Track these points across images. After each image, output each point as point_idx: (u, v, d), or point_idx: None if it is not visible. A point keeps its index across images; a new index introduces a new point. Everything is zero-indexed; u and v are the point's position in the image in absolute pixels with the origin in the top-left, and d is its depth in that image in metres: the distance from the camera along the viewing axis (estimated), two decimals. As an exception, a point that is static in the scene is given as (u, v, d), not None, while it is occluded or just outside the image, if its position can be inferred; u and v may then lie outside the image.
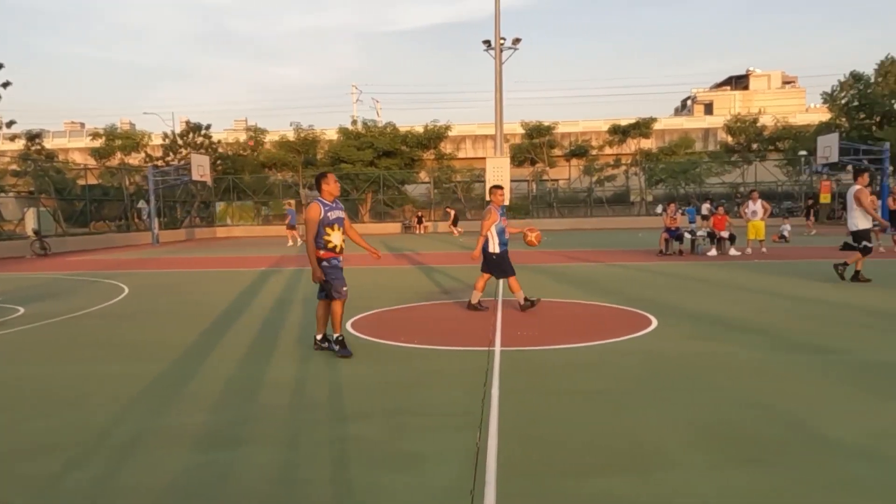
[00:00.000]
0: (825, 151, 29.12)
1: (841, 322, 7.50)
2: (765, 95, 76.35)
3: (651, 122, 46.79)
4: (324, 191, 6.21)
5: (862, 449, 3.70)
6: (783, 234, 22.15)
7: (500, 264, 8.57)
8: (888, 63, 39.73)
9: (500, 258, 8.57)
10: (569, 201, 46.21)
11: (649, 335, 6.95)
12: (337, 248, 6.21)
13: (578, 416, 4.41)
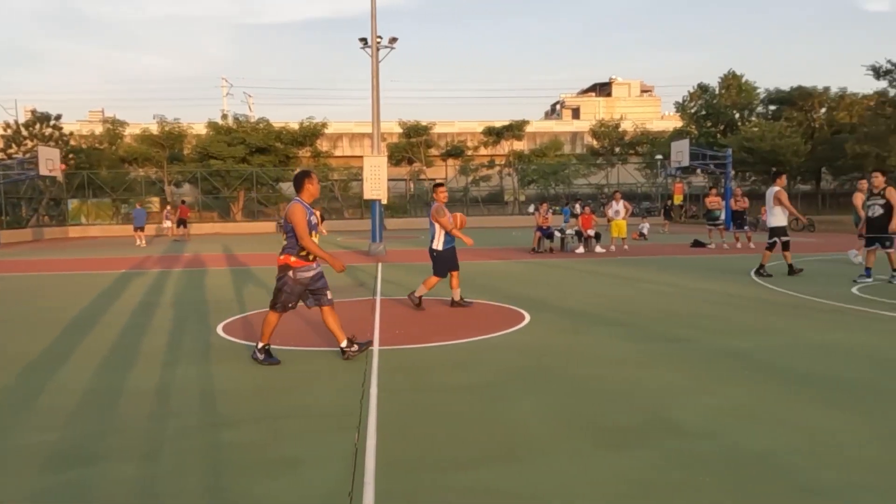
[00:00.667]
0: (678, 156, 31.64)
1: (694, 313, 8.19)
2: (626, 102, 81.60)
3: (523, 125, 48.60)
4: (306, 191, 5.79)
5: (706, 429, 4.07)
6: (642, 232, 23.82)
7: (445, 261, 8.68)
8: (730, 77, 43.86)
9: (446, 255, 8.69)
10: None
11: (522, 330, 7.23)
12: (311, 256, 5.84)
13: (455, 411, 4.50)
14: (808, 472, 3.39)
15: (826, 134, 41.10)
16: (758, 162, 39.05)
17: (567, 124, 70.12)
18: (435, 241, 8.72)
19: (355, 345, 5.95)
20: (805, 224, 13.34)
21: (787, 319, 7.60)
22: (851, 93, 41.76)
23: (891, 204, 10.19)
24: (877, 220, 10.38)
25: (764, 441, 3.83)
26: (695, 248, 18.81)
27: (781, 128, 38.77)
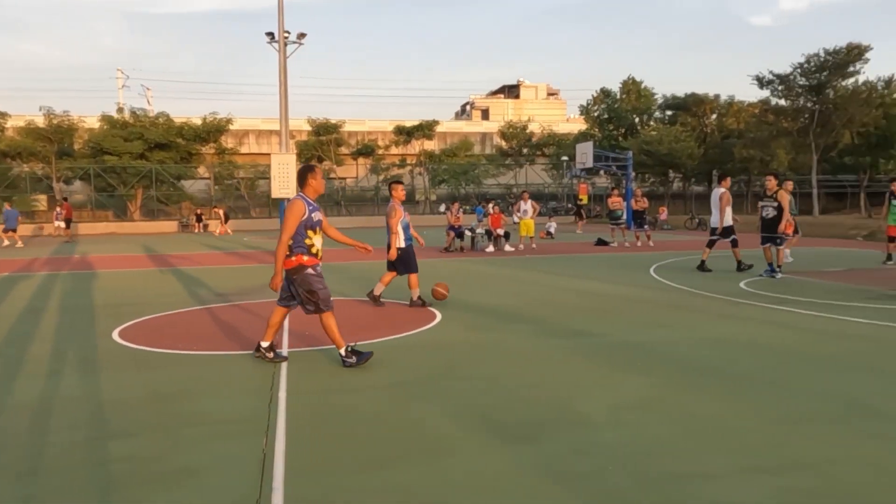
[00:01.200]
0: (582, 157, 32.75)
1: (599, 308, 8.49)
2: (533, 105, 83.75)
3: (434, 125, 48.86)
4: (310, 186, 5.50)
5: (610, 420, 4.23)
6: (549, 231, 24.50)
7: (405, 260, 8.63)
8: (630, 83, 45.91)
9: (405, 254, 8.64)
10: (356, 200, 46.58)
11: (433, 329, 7.26)
12: (319, 254, 5.52)
13: (367, 411, 4.46)
14: (703, 457, 3.58)
15: (717, 138, 43.81)
16: (656, 164, 41.12)
17: (477, 125, 71.11)
18: (396, 239, 8.69)
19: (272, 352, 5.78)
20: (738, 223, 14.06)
21: (684, 313, 8.03)
22: (739, 100, 44.75)
23: (782, 206, 11.02)
24: (770, 221, 11.17)
25: (663, 429, 4.02)
26: (598, 246, 19.54)
27: (677, 132, 40.97)
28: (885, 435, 3.88)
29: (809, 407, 4.43)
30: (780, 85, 35.06)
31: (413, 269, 8.75)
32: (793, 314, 7.84)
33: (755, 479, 3.28)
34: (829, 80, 33.54)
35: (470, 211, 37.01)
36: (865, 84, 34.45)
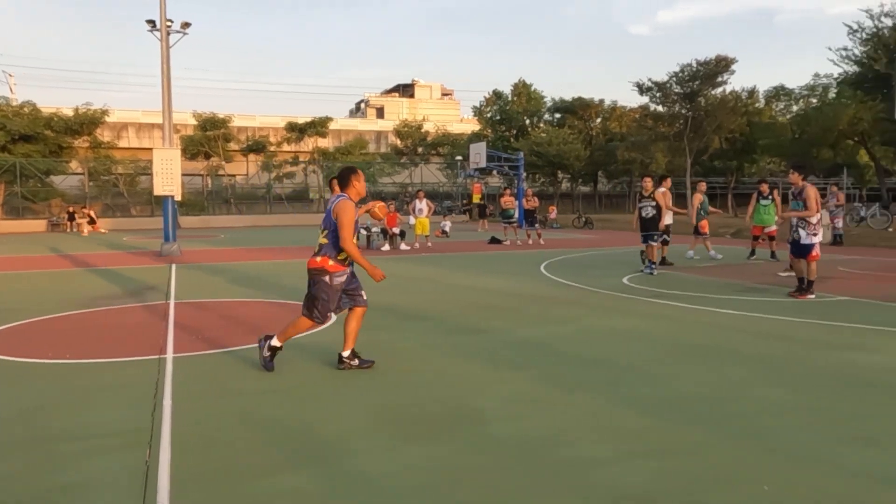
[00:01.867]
0: (476, 157, 33.37)
1: (493, 305, 8.69)
2: (428, 104, 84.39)
3: (327, 122, 48.12)
4: (353, 188, 5.32)
5: (505, 414, 4.35)
6: (444, 230, 24.79)
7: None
8: (520, 86, 47.28)
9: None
10: (247, 198, 45.02)
11: (328, 329, 7.14)
12: (348, 259, 5.34)
13: (259, 415, 4.32)
14: (592, 444, 3.76)
15: (601, 141, 46.01)
16: (546, 165, 42.61)
17: (372, 123, 70.76)
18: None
19: (357, 359, 5.45)
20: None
21: (572, 309, 8.38)
22: (621, 105, 47.25)
23: (660, 205, 11.65)
24: (649, 220, 11.71)
25: (555, 419, 4.18)
26: (492, 244, 20.00)
27: (565, 134, 42.65)
28: (753, 417, 4.23)
29: (685, 392, 4.75)
30: (658, 92, 37.32)
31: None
32: (670, 307, 8.38)
33: (639, 463, 3.48)
34: (701, 89, 36.09)
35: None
36: (732, 94, 37.36)
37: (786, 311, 7.98)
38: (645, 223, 11.75)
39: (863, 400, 4.54)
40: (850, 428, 4.00)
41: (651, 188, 11.89)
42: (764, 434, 3.91)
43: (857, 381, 4.99)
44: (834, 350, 6.00)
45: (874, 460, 3.51)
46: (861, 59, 28.49)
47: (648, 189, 11.86)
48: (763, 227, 13.80)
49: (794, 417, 4.20)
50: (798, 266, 8.94)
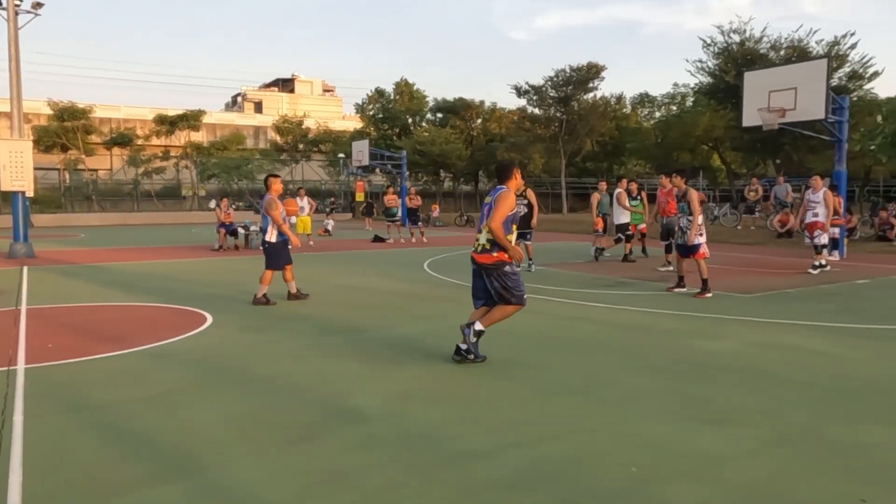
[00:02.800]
0: (359, 155, 33.10)
1: (374, 304, 8.66)
2: (309, 100, 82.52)
3: (200, 115, 45.85)
4: (515, 180, 5.64)
5: (384, 412, 4.35)
6: (327, 228, 24.41)
7: (279, 253, 8.59)
8: (403, 84, 47.43)
9: (279, 247, 8.60)
10: (112, 194, 42.00)
11: (203, 333, 6.83)
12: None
13: (124, 428, 4.06)
14: (471, 437, 3.85)
15: (482, 141, 47.10)
16: (429, 164, 43.03)
17: (249, 118, 68.25)
18: (268, 233, 8.57)
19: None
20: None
21: (453, 306, 8.51)
22: (501, 107, 48.60)
23: (532, 203, 11.83)
24: (521, 218, 11.61)
25: (436, 415, 4.24)
26: (375, 242, 19.94)
27: (447, 134, 43.27)
28: (619, 403, 4.51)
29: (558, 383, 4.98)
30: (535, 95, 38.78)
31: (288, 261, 8.76)
32: (546, 302, 8.74)
33: (516, 453, 3.61)
34: (574, 94, 37.89)
35: (245, 207, 35.45)
36: (602, 99, 39.55)
37: (648, 303, 8.56)
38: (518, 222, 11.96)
39: (714, 383, 4.97)
40: (702, 410, 4.36)
41: (521, 186, 11.90)
42: (630, 419, 4.18)
43: (709, 366, 5.45)
44: (690, 339, 6.52)
45: (722, 439, 3.85)
46: (714, 71, 31.05)
47: (520, 188, 11.92)
48: (635, 226, 14.70)
49: (655, 402, 4.52)
50: (681, 265, 9.53)
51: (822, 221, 11.74)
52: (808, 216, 11.99)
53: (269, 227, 8.63)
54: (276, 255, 8.62)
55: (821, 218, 11.73)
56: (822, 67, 14.89)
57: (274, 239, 8.60)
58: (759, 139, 27.44)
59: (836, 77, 26.47)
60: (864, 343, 6.32)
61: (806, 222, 12.04)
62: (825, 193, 11.80)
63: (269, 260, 8.62)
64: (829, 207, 11.75)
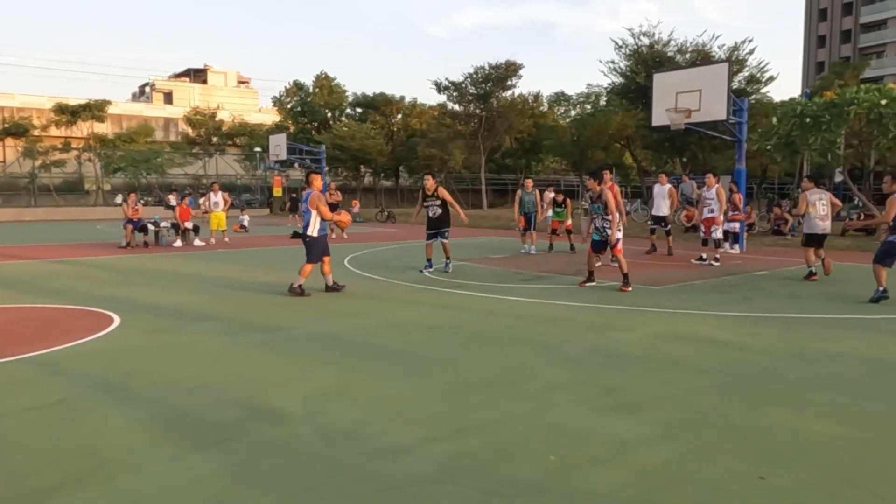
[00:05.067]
0: (276, 150, 32.31)
1: (291, 301, 8.47)
2: (223, 92, 79.88)
3: (105, 105, 43.45)
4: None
5: (304, 411, 4.28)
6: (243, 224, 23.70)
7: (320, 247, 8.85)
8: (322, 78, 46.65)
9: (321, 241, 8.88)
10: (5, 188, 39.15)
11: (110, 335, 6.49)
12: None
13: (21, 439, 3.80)
14: (392, 433, 3.84)
15: (403, 137, 47.01)
16: (349, 159, 42.55)
17: (159, 109, 65.38)
18: (310, 227, 8.77)
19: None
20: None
21: (373, 302, 8.47)
22: (421, 103, 48.63)
23: (446, 201, 11.16)
24: (436, 219, 11.17)
25: (356, 412, 4.20)
26: (294, 238, 19.54)
27: (368, 129, 42.91)
28: (537, 395, 4.61)
29: (479, 376, 5.04)
30: (455, 92, 39.01)
31: (326, 253, 9.02)
32: (465, 296, 8.84)
33: (437, 447, 3.63)
34: (493, 91, 38.37)
35: (154, 202, 33.85)
36: (520, 97, 40.26)
37: (564, 296, 8.81)
38: (432, 222, 11.22)
39: (627, 372, 5.17)
40: (616, 398, 4.53)
41: (433, 186, 11.13)
42: (547, 410, 4.28)
43: (623, 356, 5.67)
44: (605, 330, 6.76)
45: (635, 425, 4.01)
46: (625, 72, 32.19)
47: (431, 187, 11.12)
48: (560, 222, 15.06)
49: (572, 393, 4.65)
50: (591, 261, 9.80)
51: (717, 217, 12.42)
52: (704, 212, 12.62)
53: (311, 221, 8.80)
54: (316, 248, 8.85)
55: (716, 213, 12.38)
56: (724, 71, 15.76)
57: (315, 233, 8.82)
58: (667, 138, 28.69)
59: (736, 80, 28.02)
60: (762, 330, 6.74)
61: (702, 218, 12.70)
62: (718, 189, 12.48)
63: (311, 254, 8.87)
64: (722, 203, 12.45)
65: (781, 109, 19.02)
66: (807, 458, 3.50)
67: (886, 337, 6.50)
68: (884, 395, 4.59)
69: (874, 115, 16.03)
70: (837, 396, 4.55)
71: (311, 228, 8.84)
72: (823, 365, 5.40)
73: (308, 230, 8.86)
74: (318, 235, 8.85)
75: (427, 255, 11.41)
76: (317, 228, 8.84)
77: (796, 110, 17.33)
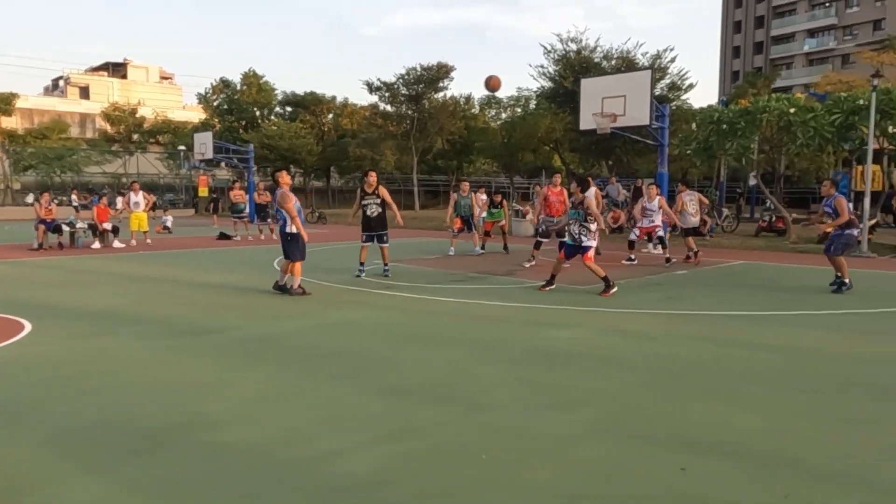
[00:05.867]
0: (202, 148, 31.26)
1: (221, 304, 8.22)
2: (144, 87, 76.69)
3: (13, 99, 40.94)
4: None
5: (238, 416, 4.16)
6: (166, 225, 22.83)
7: (303, 243, 8.75)
8: (251, 75, 45.51)
9: (301, 238, 8.75)
10: None
11: (20, 342, 6.12)
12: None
13: (-76, 455, 3.53)
14: (330, 437, 3.79)
15: (333, 137, 46.42)
16: (278, 158, 41.57)
17: (74, 104, 62.19)
18: (289, 225, 8.66)
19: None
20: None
21: (306, 304, 8.33)
22: (353, 103, 48.15)
23: (385, 201, 10.67)
24: (375, 219, 10.66)
25: (294, 417, 4.12)
26: (221, 240, 18.98)
27: (297, 128, 42.13)
28: (473, 395, 4.65)
29: (414, 378, 5.04)
30: (387, 92, 38.84)
31: (301, 257, 8.83)
32: (399, 298, 8.81)
33: (375, 450, 3.60)
34: (425, 92, 38.43)
35: (68, 202, 32.14)
36: (452, 99, 40.48)
37: (499, 297, 8.92)
38: (370, 222, 10.66)
39: (562, 370, 5.28)
40: (551, 396, 4.62)
41: (375, 183, 10.66)
42: (483, 409, 4.32)
43: (557, 354, 5.79)
44: (540, 329, 6.88)
45: (569, 422, 4.11)
46: (554, 76, 32.89)
47: (373, 185, 10.65)
48: (494, 223, 15.20)
49: (507, 391, 4.72)
50: (559, 265, 9.67)
51: (658, 224, 13.00)
52: (645, 222, 13.06)
53: (288, 218, 8.74)
54: (296, 245, 8.74)
55: (657, 222, 12.97)
56: (647, 78, 16.37)
57: (296, 230, 8.71)
58: (593, 142, 29.50)
59: (658, 87, 29.12)
60: (685, 327, 7.03)
61: (641, 227, 13.21)
62: (660, 201, 13.00)
63: (295, 251, 8.75)
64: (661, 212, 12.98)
65: (700, 116, 19.93)
66: (727, 448, 3.67)
67: (801, 331, 6.90)
68: (797, 386, 4.87)
69: (784, 122, 16.99)
70: (755, 388, 4.80)
71: (290, 226, 8.75)
72: (743, 359, 5.68)
73: (287, 228, 8.78)
74: (297, 232, 8.78)
75: (361, 259, 10.86)
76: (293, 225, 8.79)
77: (714, 117, 18.18)
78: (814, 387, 4.89)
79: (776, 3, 68.80)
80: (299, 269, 8.91)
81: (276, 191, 9.01)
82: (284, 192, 8.85)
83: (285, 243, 8.91)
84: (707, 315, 7.79)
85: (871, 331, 6.92)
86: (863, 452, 3.62)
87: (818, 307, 8.27)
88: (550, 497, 3.07)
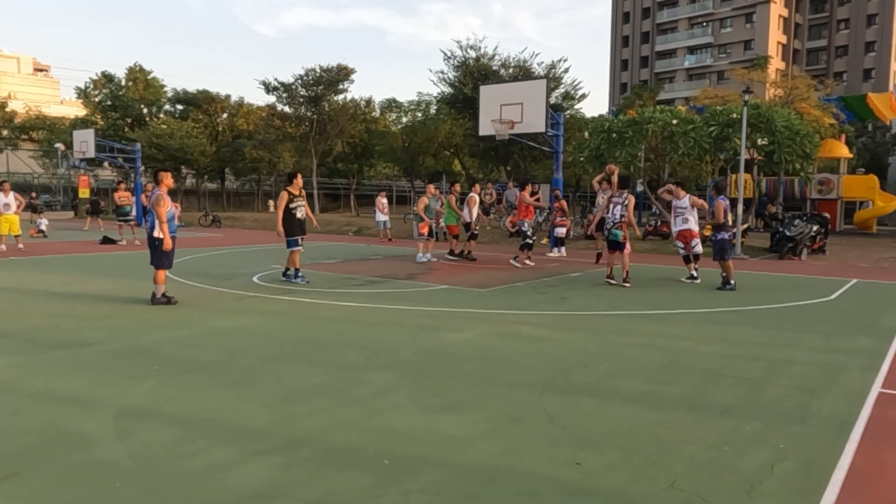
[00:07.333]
0: (82, 146, 29.27)
1: (100, 314, 7.70)
2: (15, 79, 70.94)
3: None
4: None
5: (114, 432, 3.91)
6: (41, 228, 21.18)
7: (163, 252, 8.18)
8: (137, 70, 43.10)
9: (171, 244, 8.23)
10: None
11: None
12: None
13: None
14: (216, 450, 3.63)
15: (228, 138, 44.77)
16: (168, 159, 39.61)
17: (-68, 95, 56.29)
18: (156, 229, 8.15)
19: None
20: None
21: (193, 311, 7.96)
22: (248, 102, 46.65)
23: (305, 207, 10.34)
24: (305, 221, 10.38)
25: (174, 431, 3.92)
26: (104, 244, 17.83)
27: (189, 128, 40.30)
28: (368, 399, 4.60)
29: (309, 384, 4.93)
30: (285, 93, 37.92)
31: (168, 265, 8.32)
32: (295, 303, 8.61)
33: (266, 460, 3.49)
34: (325, 94, 37.84)
35: None
36: (352, 101, 40.10)
37: (397, 300, 8.91)
38: (301, 224, 10.46)
39: (456, 372, 5.33)
40: (445, 398, 4.66)
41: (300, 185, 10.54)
42: (378, 414, 4.29)
43: (452, 356, 5.85)
44: (435, 332, 6.93)
45: (463, 423, 4.15)
46: (454, 82, 33.37)
47: (299, 186, 10.51)
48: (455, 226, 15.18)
49: (402, 395, 4.71)
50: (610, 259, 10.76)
51: (694, 229, 11.08)
52: (678, 223, 11.20)
53: (157, 222, 8.19)
54: (164, 252, 8.21)
55: (692, 225, 11.05)
56: (543, 87, 16.93)
57: (160, 234, 8.17)
58: (492, 147, 30.15)
59: (553, 96, 30.21)
60: (576, 327, 7.31)
61: (678, 229, 11.27)
62: (692, 199, 11.13)
63: (162, 258, 8.23)
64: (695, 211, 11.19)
65: (592, 125, 20.83)
66: (614, 441, 3.84)
67: (679, 328, 7.35)
68: (676, 380, 5.17)
69: (667, 132, 18.09)
70: (639, 383, 5.05)
71: (157, 231, 8.18)
72: (628, 356, 5.97)
73: (154, 231, 8.20)
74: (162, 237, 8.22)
75: (296, 265, 10.45)
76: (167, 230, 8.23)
77: (604, 126, 19.06)
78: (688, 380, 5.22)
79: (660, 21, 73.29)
80: (163, 278, 8.32)
81: (154, 190, 8.44)
82: (160, 195, 8.29)
83: (151, 248, 8.34)
84: (594, 315, 8.14)
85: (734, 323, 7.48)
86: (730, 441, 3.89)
87: (697, 305, 8.84)
88: (447, 500, 3.09)
